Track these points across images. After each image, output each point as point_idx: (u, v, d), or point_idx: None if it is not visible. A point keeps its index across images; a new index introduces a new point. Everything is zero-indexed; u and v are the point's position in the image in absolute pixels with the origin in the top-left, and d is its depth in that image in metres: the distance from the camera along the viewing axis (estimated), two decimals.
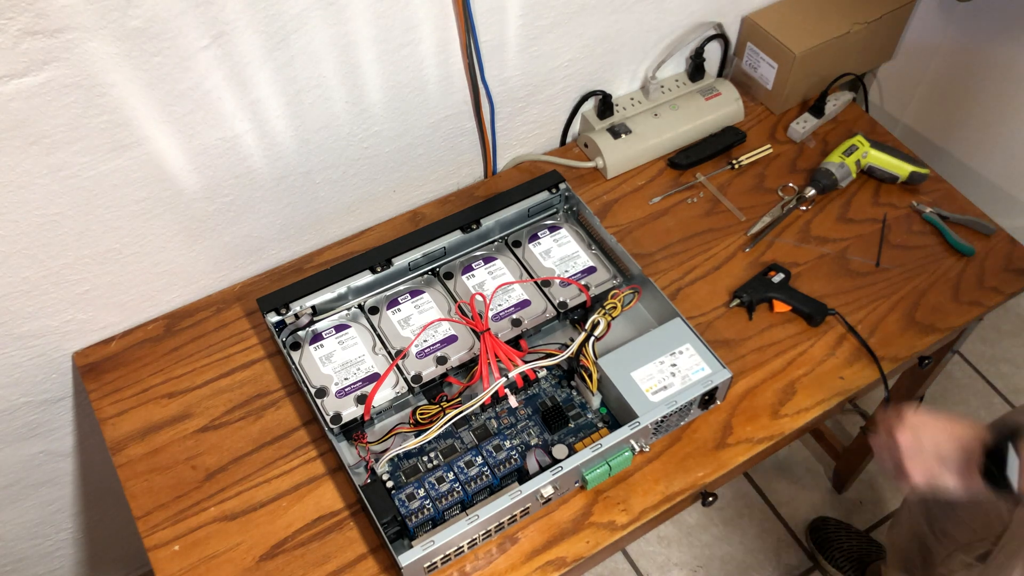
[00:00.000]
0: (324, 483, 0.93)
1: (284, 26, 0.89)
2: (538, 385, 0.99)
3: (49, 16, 0.75)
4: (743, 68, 1.31)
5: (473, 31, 1.03)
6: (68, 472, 1.21)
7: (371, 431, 0.96)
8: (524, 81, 1.15)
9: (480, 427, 0.95)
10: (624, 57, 1.23)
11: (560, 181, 1.11)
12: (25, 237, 0.90)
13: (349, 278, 1.02)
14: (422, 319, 1.01)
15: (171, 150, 0.92)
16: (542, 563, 0.88)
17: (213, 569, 0.87)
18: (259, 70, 0.91)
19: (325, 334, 1.00)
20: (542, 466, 0.91)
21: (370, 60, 0.98)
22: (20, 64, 0.76)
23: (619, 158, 1.21)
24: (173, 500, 0.92)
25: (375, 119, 1.05)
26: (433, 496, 0.87)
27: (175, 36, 0.83)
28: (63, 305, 0.98)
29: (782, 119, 1.29)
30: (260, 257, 1.11)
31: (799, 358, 1.03)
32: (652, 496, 0.92)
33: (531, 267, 1.07)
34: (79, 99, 0.82)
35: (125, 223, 0.95)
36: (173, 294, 1.07)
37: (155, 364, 1.02)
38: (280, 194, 1.05)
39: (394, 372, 0.96)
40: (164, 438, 0.96)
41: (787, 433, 0.97)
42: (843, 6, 1.27)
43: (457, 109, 1.12)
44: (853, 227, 1.16)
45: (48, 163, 0.85)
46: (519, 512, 0.88)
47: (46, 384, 1.06)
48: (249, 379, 1.01)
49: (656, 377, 0.93)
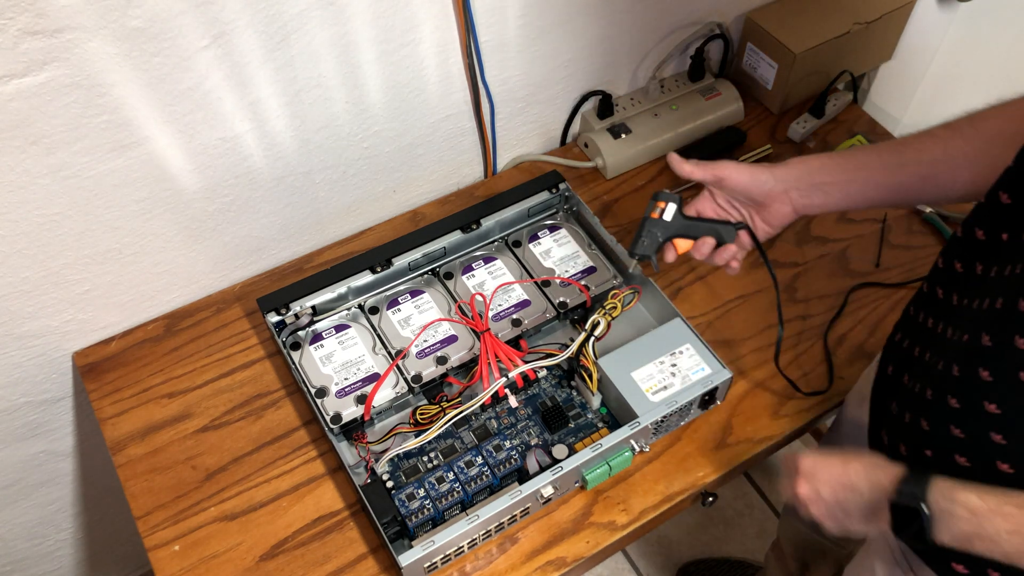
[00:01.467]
0: (324, 483, 0.93)
1: (284, 26, 0.89)
2: (538, 385, 0.99)
3: (49, 16, 0.75)
4: (743, 68, 1.31)
5: (473, 31, 1.03)
6: (68, 472, 1.21)
7: (371, 431, 0.96)
8: (524, 81, 1.15)
9: (480, 427, 0.95)
10: (624, 57, 1.23)
11: (560, 181, 1.11)
12: (25, 237, 0.90)
13: (349, 278, 1.02)
14: (422, 319, 1.01)
15: (171, 150, 0.92)
16: (542, 563, 0.88)
17: (213, 569, 0.87)
18: (259, 70, 0.91)
19: (325, 334, 1.00)
20: (542, 466, 0.91)
21: (370, 60, 0.98)
22: (20, 64, 0.76)
23: (619, 158, 1.21)
24: (173, 500, 0.92)
25: (375, 119, 1.05)
26: (433, 496, 0.87)
27: (175, 36, 0.83)
28: (63, 305, 0.98)
29: (782, 119, 1.29)
30: (260, 257, 1.11)
31: (799, 358, 1.03)
32: (652, 496, 0.92)
33: (531, 267, 1.07)
34: (79, 99, 0.82)
35: (125, 223, 0.95)
36: (173, 294, 1.07)
37: (155, 364, 1.02)
38: (280, 194, 1.05)
39: (394, 372, 0.96)
40: (164, 438, 0.96)
41: (787, 433, 0.97)
42: (843, 6, 1.27)
43: (457, 109, 1.12)
44: (853, 227, 1.16)
45: (48, 163, 0.85)
46: (519, 512, 0.88)
47: (46, 384, 1.06)
48: (249, 379, 1.01)
49: (656, 377, 0.93)
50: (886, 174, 0.81)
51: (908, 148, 0.80)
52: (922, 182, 0.80)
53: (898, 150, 0.80)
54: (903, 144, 0.80)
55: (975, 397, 0.65)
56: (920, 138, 0.80)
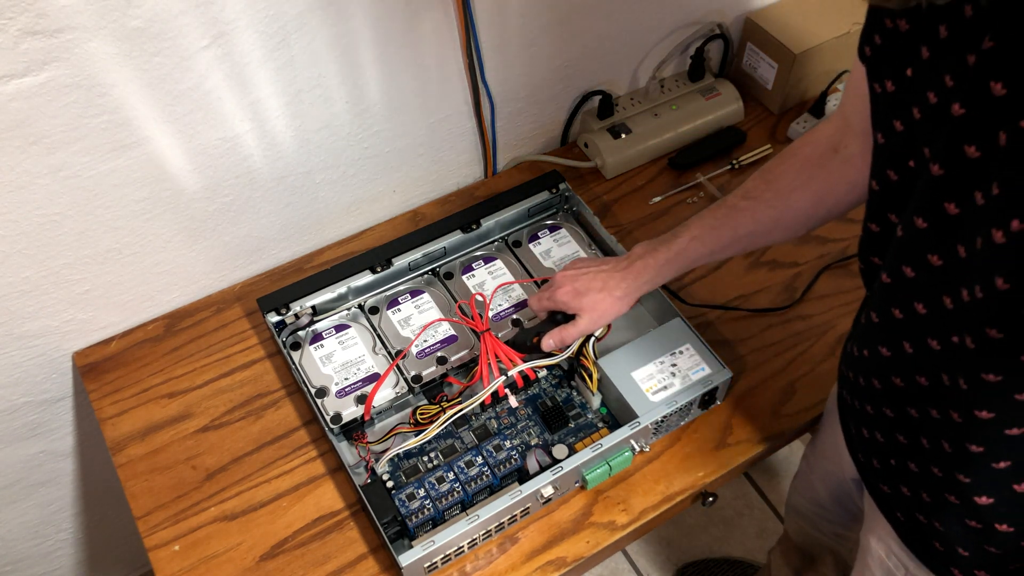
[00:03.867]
0: (324, 483, 0.93)
1: (284, 26, 0.89)
2: (538, 385, 0.99)
3: (49, 16, 0.75)
4: (743, 68, 1.31)
5: (473, 31, 1.03)
6: (68, 472, 1.21)
7: (371, 431, 0.96)
8: (524, 81, 1.15)
9: (480, 427, 0.95)
10: (624, 57, 1.23)
11: (560, 181, 1.12)
12: (25, 237, 0.90)
13: (349, 278, 1.02)
14: (422, 319, 1.01)
15: (171, 150, 0.92)
16: (542, 563, 0.88)
17: (213, 569, 0.87)
18: (259, 70, 0.91)
19: (325, 334, 1.00)
20: (542, 466, 0.91)
21: (370, 60, 0.98)
22: (20, 64, 0.76)
23: (619, 158, 1.21)
24: (173, 500, 0.92)
25: (375, 119, 1.05)
26: (433, 496, 0.87)
27: (175, 36, 0.83)
28: (63, 305, 0.98)
29: (782, 119, 1.29)
30: (260, 257, 1.11)
31: (799, 358, 1.03)
32: (652, 496, 0.92)
33: (531, 267, 1.07)
34: (79, 99, 0.82)
35: (125, 223, 0.95)
36: (173, 294, 1.07)
37: (155, 364, 1.02)
38: (280, 194, 1.05)
39: (394, 372, 0.96)
40: (164, 438, 0.96)
41: (787, 433, 0.97)
42: (843, 6, 1.27)
43: (457, 109, 1.12)
44: (853, 227, 1.15)
45: (48, 163, 0.85)
46: (519, 512, 0.88)
47: (46, 384, 1.06)
48: (249, 379, 1.01)
49: (656, 377, 0.93)
50: (716, 256, 0.89)
51: (724, 229, 0.86)
52: (750, 246, 0.88)
53: (716, 234, 0.87)
54: (720, 225, 0.86)
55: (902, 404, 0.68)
56: (731, 215, 0.86)
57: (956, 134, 0.52)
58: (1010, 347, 0.53)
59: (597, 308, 0.91)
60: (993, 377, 0.55)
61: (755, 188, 0.84)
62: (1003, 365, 0.54)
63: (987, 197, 0.50)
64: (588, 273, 0.93)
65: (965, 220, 0.53)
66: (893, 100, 0.60)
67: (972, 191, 0.52)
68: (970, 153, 0.51)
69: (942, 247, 0.56)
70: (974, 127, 0.51)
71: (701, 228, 0.87)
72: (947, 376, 0.60)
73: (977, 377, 0.57)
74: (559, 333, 0.92)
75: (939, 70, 0.53)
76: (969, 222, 0.53)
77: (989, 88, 0.48)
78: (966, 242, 0.53)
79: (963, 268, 0.54)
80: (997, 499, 0.62)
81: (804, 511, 1.14)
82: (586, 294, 0.91)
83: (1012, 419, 0.57)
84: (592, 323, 0.91)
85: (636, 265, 0.90)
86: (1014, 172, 0.48)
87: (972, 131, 0.51)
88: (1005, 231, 0.48)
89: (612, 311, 0.91)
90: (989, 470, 0.61)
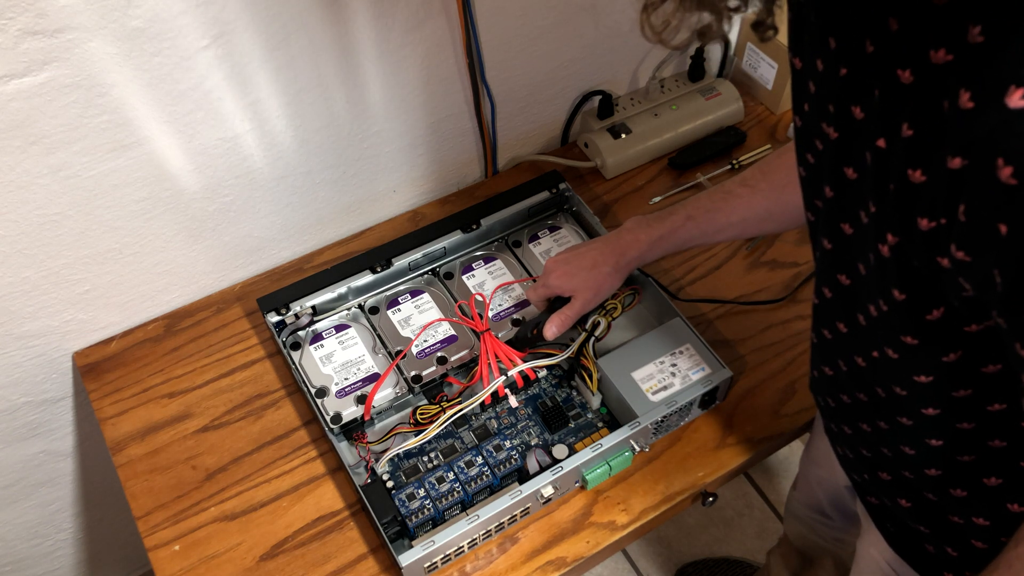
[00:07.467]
0: (324, 483, 0.93)
1: (284, 26, 0.89)
2: (538, 385, 0.99)
3: (49, 16, 0.75)
4: (743, 68, 1.31)
5: (473, 31, 1.03)
6: (68, 472, 1.21)
7: (371, 431, 0.96)
8: (524, 81, 1.15)
9: (480, 427, 0.95)
10: (624, 57, 1.23)
11: (560, 181, 1.11)
12: (25, 237, 0.90)
13: (349, 278, 1.02)
14: (422, 319, 1.01)
15: (171, 150, 0.92)
16: (542, 563, 0.88)
17: (213, 569, 0.87)
18: (259, 70, 0.91)
19: (325, 334, 1.00)
20: (542, 466, 0.91)
21: (370, 60, 0.98)
22: (20, 64, 0.76)
23: (619, 158, 1.21)
24: (173, 500, 0.92)
25: (375, 119, 1.05)
26: (433, 496, 0.87)
27: (175, 36, 0.83)
28: (63, 305, 0.98)
29: (782, 119, 1.29)
30: (260, 257, 1.11)
31: (799, 358, 1.03)
32: (652, 496, 0.92)
33: (531, 267, 1.07)
34: (79, 99, 0.82)
35: (125, 223, 0.95)
36: (173, 294, 1.07)
37: (155, 364, 1.02)
38: (280, 194, 1.05)
39: (394, 372, 0.96)
40: (164, 438, 0.96)
41: (787, 433, 0.97)
42: None
43: (457, 109, 1.12)
44: None
45: (48, 163, 0.85)
46: (519, 512, 0.88)
47: (46, 384, 1.05)
48: (249, 379, 1.01)
49: (656, 377, 0.93)
50: (708, 239, 0.91)
51: (719, 213, 0.87)
52: (742, 234, 0.89)
53: (711, 217, 0.88)
54: (715, 209, 0.87)
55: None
56: (727, 199, 0.87)
57: (837, 156, 0.55)
58: (930, 349, 0.54)
59: (590, 286, 0.92)
60: (925, 378, 0.57)
61: (752, 177, 0.86)
62: (930, 365, 0.56)
63: (868, 215, 0.52)
64: (577, 253, 0.94)
65: (855, 240, 0.55)
66: (802, 133, 0.62)
67: (857, 211, 0.54)
68: (849, 175, 0.54)
69: (846, 267, 0.58)
70: (847, 150, 0.53)
71: (696, 209, 0.89)
72: (881, 389, 0.62)
73: (911, 381, 0.58)
74: (558, 318, 0.93)
75: (824, 100, 0.56)
76: (858, 241, 0.55)
77: (851, 111, 0.51)
78: (863, 259, 0.55)
79: (865, 284, 0.56)
80: (970, 492, 0.63)
81: (803, 516, 1.15)
82: (577, 274, 0.92)
83: (958, 415, 0.58)
84: (587, 302, 0.93)
85: (625, 239, 0.91)
86: (882, 190, 0.49)
87: (847, 153, 0.53)
88: (888, 244, 0.50)
89: (605, 287, 0.92)
90: (956, 463, 0.62)
